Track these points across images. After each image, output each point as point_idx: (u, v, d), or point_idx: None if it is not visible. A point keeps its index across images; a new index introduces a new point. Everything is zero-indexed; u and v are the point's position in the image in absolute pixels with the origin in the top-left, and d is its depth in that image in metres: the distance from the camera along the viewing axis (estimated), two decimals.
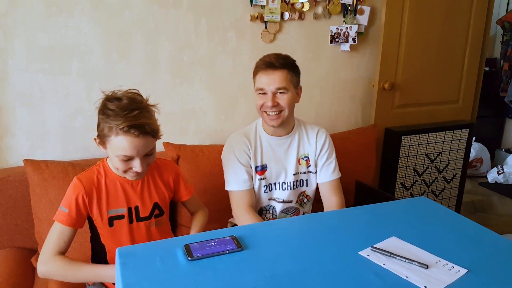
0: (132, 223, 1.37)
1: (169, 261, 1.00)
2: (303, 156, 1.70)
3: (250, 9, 2.09)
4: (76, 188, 1.29)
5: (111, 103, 1.21)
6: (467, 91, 2.70)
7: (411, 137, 2.48)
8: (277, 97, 1.56)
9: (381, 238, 1.12)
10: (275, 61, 1.53)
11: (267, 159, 1.66)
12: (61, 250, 1.27)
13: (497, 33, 4.31)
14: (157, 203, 1.42)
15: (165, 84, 2.03)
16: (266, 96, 1.56)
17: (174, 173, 1.48)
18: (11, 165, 1.87)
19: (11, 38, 1.75)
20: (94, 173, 1.34)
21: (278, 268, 0.99)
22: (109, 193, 1.33)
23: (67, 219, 1.27)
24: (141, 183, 1.38)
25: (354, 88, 2.46)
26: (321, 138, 1.71)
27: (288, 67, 1.56)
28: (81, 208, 1.29)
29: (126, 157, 1.23)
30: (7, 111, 1.82)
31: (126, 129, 1.18)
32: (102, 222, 1.33)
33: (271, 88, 1.54)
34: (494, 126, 4.39)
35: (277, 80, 1.54)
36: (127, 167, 1.26)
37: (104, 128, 1.21)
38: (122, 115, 1.18)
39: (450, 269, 0.99)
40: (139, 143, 1.21)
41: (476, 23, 2.58)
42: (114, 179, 1.35)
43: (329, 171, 1.70)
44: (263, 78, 1.55)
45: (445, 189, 2.72)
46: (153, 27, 1.95)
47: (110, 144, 1.22)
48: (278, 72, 1.54)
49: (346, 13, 2.27)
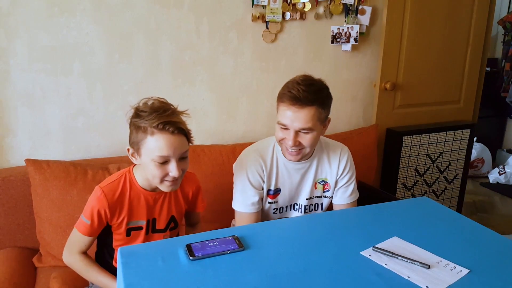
0: (148, 234, 1.38)
1: (171, 261, 1.00)
2: (320, 181, 1.59)
3: (252, 9, 2.08)
4: (99, 201, 1.27)
5: (143, 106, 1.22)
6: (469, 91, 2.69)
7: (413, 137, 2.48)
8: (300, 135, 1.40)
9: (382, 238, 1.12)
10: (304, 96, 1.33)
11: (282, 183, 1.56)
12: (82, 251, 1.33)
13: (498, 33, 4.30)
14: (173, 216, 1.41)
15: (167, 84, 2.03)
16: (288, 132, 1.40)
17: (195, 186, 1.47)
18: (12, 165, 1.87)
19: (13, 38, 1.75)
20: (120, 185, 1.31)
21: (279, 268, 0.99)
22: (131, 206, 1.32)
23: (88, 231, 1.29)
24: (163, 198, 1.37)
25: (355, 88, 2.46)
26: (343, 161, 1.58)
27: (318, 103, 1.36)
28: (103, 220, 1.30)
29: (163, 158, 1.20)
30: (9, 111, 1.82)
31: (161, 127, 1.17)
32: (120, 231, 1.34)
33: (295, 126, 1.37)
34: (496, 127, 4.39)
35: (303, 119, 1.36)
36: (164, 173, 1.23)
37: (139, 132, 1.20)
38: (156, 114, 1.18)
39: (452, 269, 0.99)
40: (175, 141, 1.20)
41: (478, 23, 2.57)
42: (138, 192, 1.33)
43: (346, 193, 1.60)
44: (287, 113, 1.37)
45: (447, 189, 2.71)
46: (154, 27, 1.95)
47: (145, 147, 1.21)
48: (305, 110, 1.35)
49: (348, 13, 2.27)
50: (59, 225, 1.68)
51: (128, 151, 1.28)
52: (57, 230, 1.69)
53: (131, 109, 1.24)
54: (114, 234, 1.36)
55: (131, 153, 1.28)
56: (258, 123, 2.27)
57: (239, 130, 2.24)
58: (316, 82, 1.42)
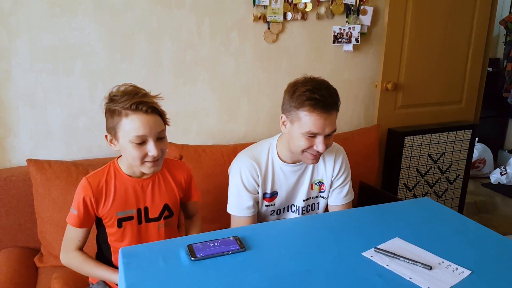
0: (141, 224, 1.37)
1: (172, 261, 1.00)
2: (316, 182, 1.60)
3: (253, 9, 2.08)
4: (84, 189, 1.29)
5: (116, 91, 1.24)
6: (470, 91, 2.69)
7: (414, 138, 2.47)
8: (327, 139, 1.41)
9: (384, 239, 1.12)
10: (329, 101, 1.36)
11: (278, 186, 1.56)
12: (78, 247, 1.34)
13: (500, 34, 4.29)
14: (167, 204, 1.41)
15: (168, 84, 2.03)
16: (315, 139, 1.39)
17: (186, 173, 1.47)
18: (14, 164, 1.87)
19: (14, 38, 1.76)
20: (104, 174, 1.33)
21: (281, 268, 0.99)
22: (118, 194, 1.32)
23: (76, 221, 1.30)
24: (151, 184, 1.37)
25: (356, 89, 2.45)
26: (338, 161, 1.59)
27: (338, 105, 1.41)
28: (89, 209, 1.30)
29: (139, 138, 1.21)
30: (11, 111, 1.83)
31: (134, 107, 1.19)
32: (111, 223, 1.34)
33: (326, 131, 1.37)
34: (497, 127, 4.38)
35: (331, 123, 1.38)
36: (143, 153, 1.23)
37: (114, 116, 1.22)
38: (128, 97, 1.20)
39: (454, 270, 0.98)
40: (150, 120, 1.22)
41: (479, 24, 2.57)
42: (124, 180, 1.34)
43: (341, 194, 1.60)
44: (319, 121, 1.35)
45: (448, 189, 2.71)
46: (156, 27, 1.95)
47: (122, 130, 1.22)
48: (332, 114, 1.38)
49: (349, 14, 2.27)
50: (60, 225, 1.68)
51: (106, 138, 1.29)
52: (58, 230, 1.69)
53: (105, 98, 1.26)
54: (107, 228, 1.35)
55: (109, 140, 1.29)
56: (259, 123, 2.26)
57: (240, 130, 2.24)
58: (328, 84, 1.43)
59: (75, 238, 1.33)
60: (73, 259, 1.33)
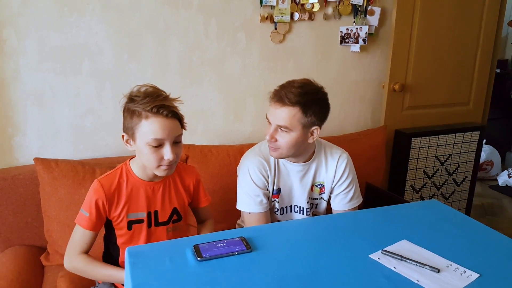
0: (151, 228, 1.38)
1: (179, 262, 1.00)
2: (317, 184, 1.61)
3: (260, 10, 2.08)
4: (96, 192, 1.29)
5: (137, 92, 1.23)
6: (478, 93, 2.67)
7: (421, 139, 2.46)
8: (278, 132, 1.44)
9: (391, 241, 1.11)
10: (287, 96, 1.38)
11: (282, 183, 1.58)
12: (84, 250, 1.32)
13: (508, 35, 4.26)
14: (176, 208, 1.41)
15: (175, 84, 2.03)
16: (270, 127, 1.45)
17: (195, 178, 1.47)
18: (21, 163, 1.88)
19: (23, 38, 1.77)
20: (116, 176, 1.33)
21: (287, 270, 0.98)
22: (129, 197, 1.32)
23: (88, 223, 1.29)
24: (162, 188, 1.37)
25: (364, 89, 2.44)
26: (341, 166, 1.58)
27: (301, 105, 1.38)
28: (101, 212, 1.30)
29: (157, 141, 1.21)
30: (19, 110, 1.84)
31: (155, 110, 1.19)
32: (121, 225, 1.34)
33: (275, 122, 1.43)
34: (505, 129, 4.34)
35: (281, 118, 1.40)
36: (159, 156, 1.24)
37: (133, 117, 1.22)
38: (150, 99, 1.20)
39: (462, 273, 0.97)
40: (169, 124, 1.22)
41: (488, 25, 2.55)
42: (136, 183, 1.34)
43: (346, 199, 1.60)
44: (270, 109, 1.45)
45: (455, 191, 2.69)
46: (163, 28, 1.95)
47: (140, 131, 1.22)
48: (286, 109, 1.39)
49: (356, 14, 2.26)
50: (67, 223, 1.69)
51: (123, 138, 1.29)
52: (65, 229, 1.70)
53: (124, 97, 1.25)
54: (116, 230, 1.35)
55: (125, 140, 1.29)
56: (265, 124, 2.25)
57: (246, 131, 2.24)
58: (308, 86, 1.42)
59: (83, 241, 1.31)
60: (78, 262, 1.31)
